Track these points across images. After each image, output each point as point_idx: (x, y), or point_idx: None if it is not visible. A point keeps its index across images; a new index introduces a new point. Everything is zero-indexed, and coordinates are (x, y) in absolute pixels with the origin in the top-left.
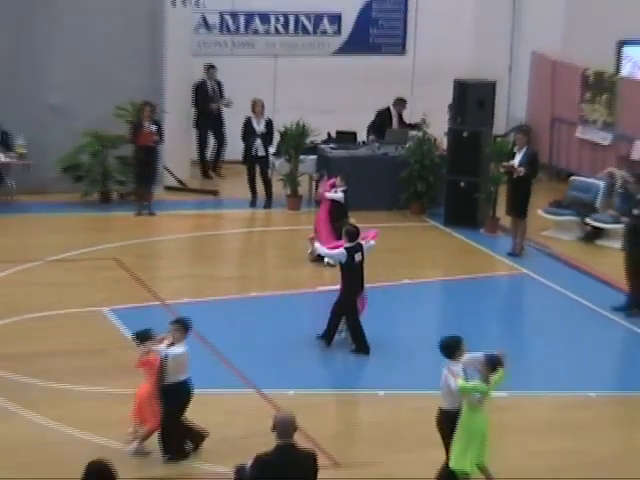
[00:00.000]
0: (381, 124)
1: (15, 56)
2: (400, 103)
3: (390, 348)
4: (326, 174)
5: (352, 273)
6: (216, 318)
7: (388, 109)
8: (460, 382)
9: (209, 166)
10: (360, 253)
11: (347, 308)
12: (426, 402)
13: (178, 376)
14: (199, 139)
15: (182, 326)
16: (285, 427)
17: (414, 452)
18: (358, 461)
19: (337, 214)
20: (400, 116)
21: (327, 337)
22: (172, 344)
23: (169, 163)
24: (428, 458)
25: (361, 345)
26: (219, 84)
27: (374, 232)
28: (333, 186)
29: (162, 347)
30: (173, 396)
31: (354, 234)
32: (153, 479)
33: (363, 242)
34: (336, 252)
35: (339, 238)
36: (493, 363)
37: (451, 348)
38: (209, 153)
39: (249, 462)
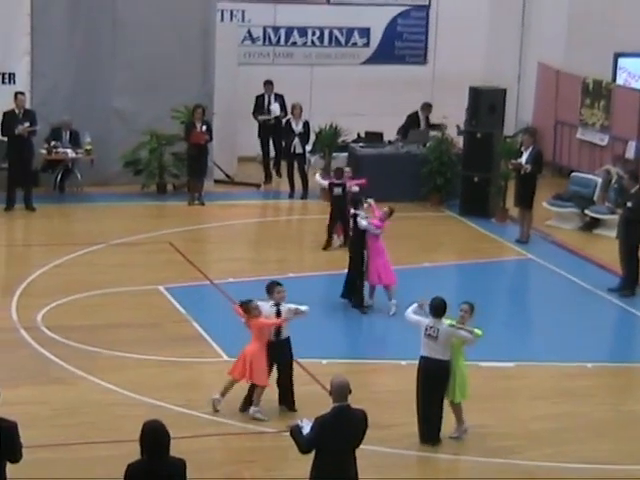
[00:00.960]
0: (410, 126)
1: (84, 65)
2: (427, 108)
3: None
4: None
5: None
6: (258, 295)
7: (417, 113)
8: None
9: (272, 168)
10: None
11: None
12: None
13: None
14: (261, 145)
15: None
16: (340, 390)
17: None
18: (385, 423)
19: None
20: (427, 119)
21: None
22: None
23: (217, 159)
24: (445, 420)
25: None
26: (277, 97)
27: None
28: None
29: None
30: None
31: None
32: (201, 436)
33: (359, 218)
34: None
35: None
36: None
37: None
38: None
39: (300, 422)
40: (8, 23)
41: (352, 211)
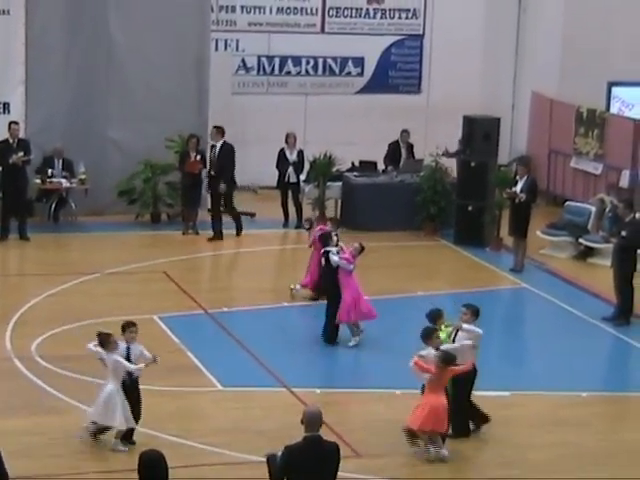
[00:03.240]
0: (392, 154)
1: (78, 95)
2: (404, 134)
3: (406, 352)
4: (315, 220)
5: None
6: (252, 325)
7: (397, 141)
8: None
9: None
10: (324, 259)
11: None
12: None
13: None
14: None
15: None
16: (313, 420)
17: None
18: (377, 452)
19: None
20: (409, 145)
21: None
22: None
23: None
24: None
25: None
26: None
27: (348, 258)
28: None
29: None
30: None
31: (324, 238)
32: (196, 466)
33: (331, 254)
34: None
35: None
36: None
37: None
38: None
39: (279, 451)
40: (3, 52)
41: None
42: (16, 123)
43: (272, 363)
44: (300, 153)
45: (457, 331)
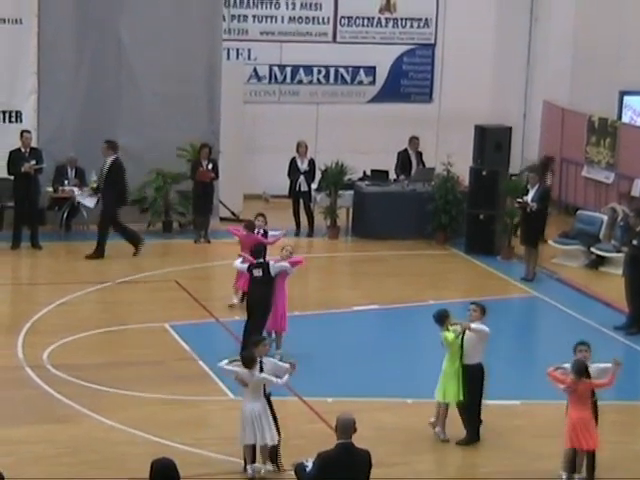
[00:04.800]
0: (402, 162)
1: (90, 104)
2: (413, 141)
3: (417, 361)
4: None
5: (250, 285)
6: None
7: (406, 149)
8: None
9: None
10: (261, 270)
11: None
12: (449, 409)
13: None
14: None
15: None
16: (345, 427)
17: (437, 453)
18: (388, 461)
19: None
20: (418, 153)
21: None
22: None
23: (223, 197)
24: (449, 459)
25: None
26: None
27: (299, 258)
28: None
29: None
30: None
31: (258, 251)
32: (209, 475)
33: (272, 262)
34: (237, 262)
35: None
36: (438, 319)
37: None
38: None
39: (305, 460)
40: (15, 62)
41: (238, 263)
42: (28, 132)
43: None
44: (311, 162)
45: (464, 331)
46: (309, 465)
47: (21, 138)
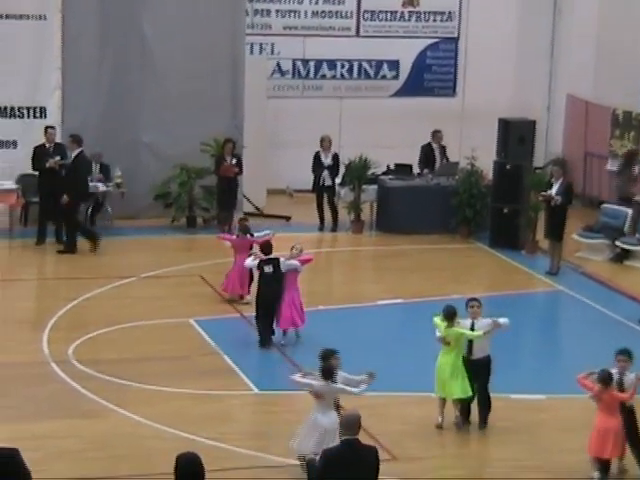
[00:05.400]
0: (425, 156)
1: (114, 99)
2: (436, 135)
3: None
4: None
5: (260, 282)
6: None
7: (429, 143)
8: (434, 317)
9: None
10: (271, 266)
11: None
12: (474, 403)
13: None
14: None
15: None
16: (351, 424)
17: (462, 447)
18: (413, 455)
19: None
20: (442, 147)
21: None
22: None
23: (247, 192)
24: (474, 452)
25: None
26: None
27: (309, 257)
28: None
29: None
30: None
31: (268, 247)
32: (233, 469)
33: (282, 259)
34: (248, 260)
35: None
36: (447, 314)
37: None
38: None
39: (317, 456)
40: (39, 58)
41: (250, 261)
42: (53, 128)
43: (308, 366)
44: (335, 156)
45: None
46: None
47: (45, 134)
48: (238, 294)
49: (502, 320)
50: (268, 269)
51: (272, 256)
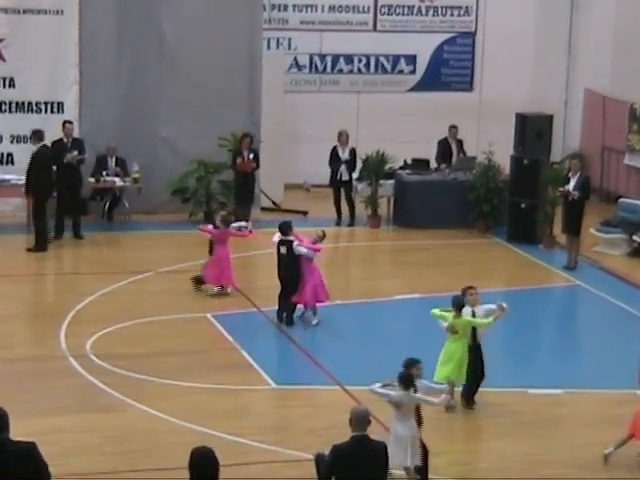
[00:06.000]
0: (442, 151)
1: (131, 94)
2: (452, 129)
3: None
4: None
5: (278, 262)
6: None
7: (446, 138)
8: (435, 309)
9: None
10: (285, 248)
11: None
12: (492, 398)
13: None
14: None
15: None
16: (360, 420)
17: (481, 441)
18: (433, 450)
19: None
20: (459, 142)
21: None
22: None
23: (264, 186)
24: (493, 447)
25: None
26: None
27: (319, 247)
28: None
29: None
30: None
31: (284, 228)
32: (250, 464)
33: (296, 242)
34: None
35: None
36: (456, 304)
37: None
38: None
39: (326, 450)
40: (57, 53)
41: (276, 238)
42: (70, 123)
43: (326, 361)
44: (352, 151)
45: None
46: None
47: (63, 129)
48: (217, 285)
49: (502, 305)
50: (283, 250)
51: (289, 237)
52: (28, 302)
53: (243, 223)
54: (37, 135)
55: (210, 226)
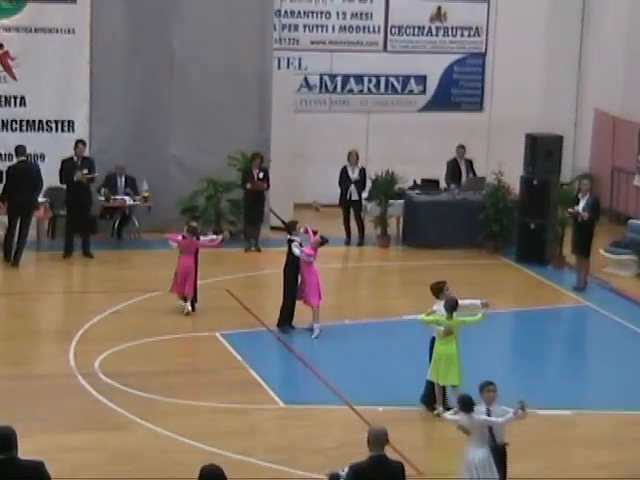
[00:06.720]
0: (452, 171)
1: (142, 113)
2: (460, 149)
3: (468, 370)
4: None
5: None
6: (315, 342)
7: (455, 159)
8: (421, 315)
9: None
10: (287, 246)
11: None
12: None
13: None
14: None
15: None
16: (377, 439)
17: None
18: (440, 472)
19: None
20: (468, 162)
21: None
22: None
23: (274, 206)
24: None
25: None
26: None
27: (312, 252)
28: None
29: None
30: None
31: (290, 227)
32: None
33: (294, 244)
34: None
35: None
36: (449, 306)
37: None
38: None
39: (340, 470)
40: (68, 71)
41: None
42: (83, 143)
43: (334, 380)
44: (362, 171)
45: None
46: (343, 475)
47: (75, 148)
48: (182, 295)
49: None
50: (287, 249)
51: (292, 237)
52: (37, 319)
53: (214, 236)
54: (17, 150)
55: (179, 236)
